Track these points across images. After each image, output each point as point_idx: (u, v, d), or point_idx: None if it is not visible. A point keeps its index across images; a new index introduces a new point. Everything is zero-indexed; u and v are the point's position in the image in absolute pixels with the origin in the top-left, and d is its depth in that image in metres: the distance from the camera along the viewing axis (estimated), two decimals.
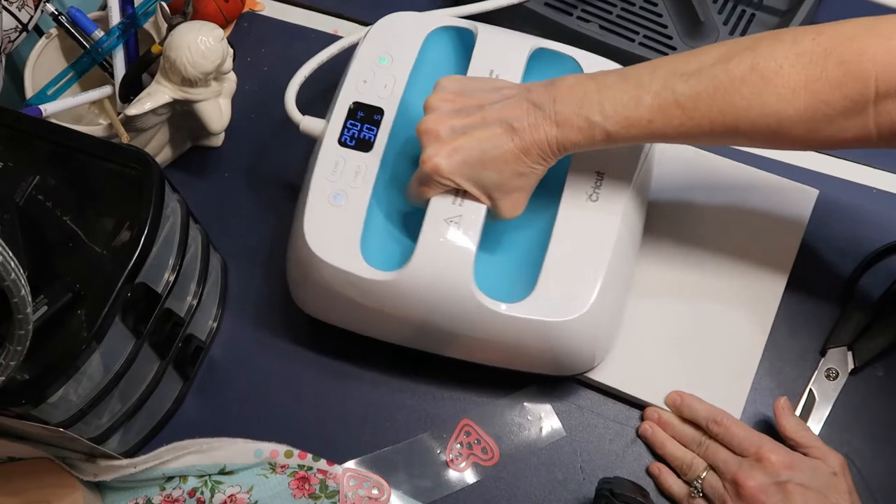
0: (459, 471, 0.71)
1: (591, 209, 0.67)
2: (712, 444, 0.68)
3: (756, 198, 0.79)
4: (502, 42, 0.72)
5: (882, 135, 0.58)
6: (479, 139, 0.62)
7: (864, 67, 0.56)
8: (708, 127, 0.60)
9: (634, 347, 0.73)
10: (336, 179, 0.68)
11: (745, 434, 0.67)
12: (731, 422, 0.68)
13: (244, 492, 0.69)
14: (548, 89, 0.62)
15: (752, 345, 0.74)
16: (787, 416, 0.68)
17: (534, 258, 0.67)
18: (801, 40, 0.58)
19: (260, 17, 0.91)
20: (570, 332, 0.65)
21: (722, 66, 0.59)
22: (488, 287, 0.65)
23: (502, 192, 0.64)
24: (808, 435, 0.67)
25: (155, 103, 0.74)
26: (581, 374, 0.72)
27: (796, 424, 0.68)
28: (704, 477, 0.67)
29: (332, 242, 0.66)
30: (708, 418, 0.69)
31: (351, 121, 0.70)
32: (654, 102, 0.60)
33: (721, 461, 0.67)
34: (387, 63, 0.72)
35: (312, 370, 0.75)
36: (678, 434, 0.70)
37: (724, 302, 0.75)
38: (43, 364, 0.57)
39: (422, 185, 0.65)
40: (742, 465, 0.65)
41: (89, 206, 0.62)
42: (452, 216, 0.64)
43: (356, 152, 0.69)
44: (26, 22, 0.79)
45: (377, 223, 0.69)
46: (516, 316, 0.64)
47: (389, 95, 0.71)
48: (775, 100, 0.58)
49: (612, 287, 0.67)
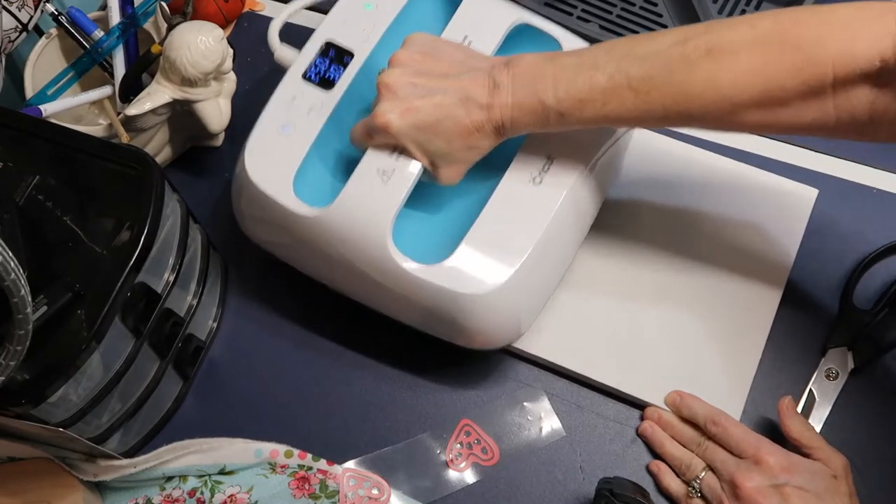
0: (459, 471, 0.71)
1: (531, 190, 0.66)
2: (711, 445, 0.68)
3: (755, 197, 0.79)
4: (485, 10, 0.71)
5: (841, 121, 0.58)
6: (436, 105, 0.61)
7: (821, 53, 0.56)
8: (661, 111, 0.59)
9: (634, 348, 0.73)
10: (289, 111, 0.69)
11: (743, 435, 0.67)
12: (729, 422, 0.68)
13: (244, 492, 0.69)
14: (508, 67, 0.62)
15: (751, 345, 0.74)
16: (792, 417, 0.67)
17: (463, 227, 0.66)
18: (758, 25, 0.58)
19: (260, 17, 0.91)
20: (473, 306, 0.64)
21: (678, 48, 0.58)
22: (409, 245, 0.65)
23: (445, 162, 0.64)
24: (813, 436, 0.67)
25: (155, 103, 0.74)
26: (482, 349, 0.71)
27: (801, 425, 0.67)
28: (703, 477, 0.67)
29: (268, 170, 0.68)
30: (706, 418, 0.69)
31: (321, 58, 0.71)
32: (608, 85, 0.59)
33: (719, 461, 0.66)
34: (371, 10, 0.72)
35: (312, 370, 0.75)
36: (678, 434, 0.70)
37: (724, 302, 0.75)
38: (43, 364, 0.57)
39: (368, 134, 0.65)
40: (740, 466, 0.65)
41: (89, 206, 0.62)
42: (386, 168, 0.64)
43: (317, 89, 0.70)
44: (26, 22, 0.79)
45: (317, 161, 0.70)
46: (423, 278, 0.64)
47: (364, 42, 0.71)
48: (730, 86, 0.57)
49: (534, 272, 0.65)
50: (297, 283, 0.78)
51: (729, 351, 0.73)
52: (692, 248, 0.77)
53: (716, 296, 0.75)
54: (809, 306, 0.76)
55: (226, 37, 0.74)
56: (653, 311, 0.75)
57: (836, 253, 0.78)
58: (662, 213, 0.78)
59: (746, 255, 0.77)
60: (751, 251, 0.77)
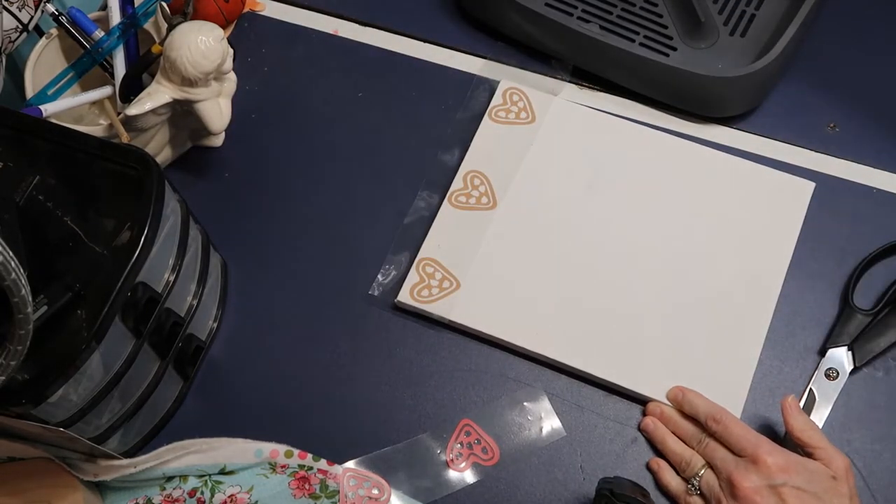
0: (459, 471, 0.71)
1: None
2: (711, 442, 0.68)
3: (753, 191, 0.79)
4: None
5: None
6: None
7: None
8: None
9: (635, 345, 0.73)
10: None
11: (742, 433, 0.67)
12: (730, 420, 0.68)
13: (244, 492, 0.69)
14: None
15: (750, 343, 0.74)
16: (795, 415, 0.67)
17: None
18: None
19: (260, 17, 0.91)
20: None
21: None
22: None
23: None
24: (816, 435, 0.66)
25: (155, 103, 0.74)
26: None
27: (804, 423, 0.66)
28: (702, 475, 0.67)
29: None
30: (708, 415, 0.69)
31: None
32: None
33: (719, 459, 0.66)
34: None
35: (312, 370, 0.75)
36: (679, 430, 0.70)
37: (723, 299, 0.75)
38: (43, 364, 0.57)
39: None
40: (738, 465, 0.65)
41: (89, 206, 0.62)
42: None
43: None
44: (27, 22, 0.79)
45: None
46: None
47: None
48: None
49: None
50: (298, 283, 0.78)
51: (728, 350, 0.73)
52: (691, 245, 0.77)
53: (715, 294, 0.75)
54: (809, 306, 0.76)
55: (226, 37, 0.74)
56: (653, 309, 0.75)
57: (836, 252, 0.78)
58: (659, 210, 0.78)
59: (744, 251, 0.77)
60: (748, 246, 0.77)
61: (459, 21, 0.90)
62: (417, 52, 0.89)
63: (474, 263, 0.77)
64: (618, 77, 0.84)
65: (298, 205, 0.82)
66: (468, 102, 0.85)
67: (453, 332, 0.76)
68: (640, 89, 0.84)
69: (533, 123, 0.83)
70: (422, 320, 0.76)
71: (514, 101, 0.84)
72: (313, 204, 0.81)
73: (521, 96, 0.84)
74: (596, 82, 0.86)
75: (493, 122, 0.83)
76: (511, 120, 0.83)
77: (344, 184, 0.82)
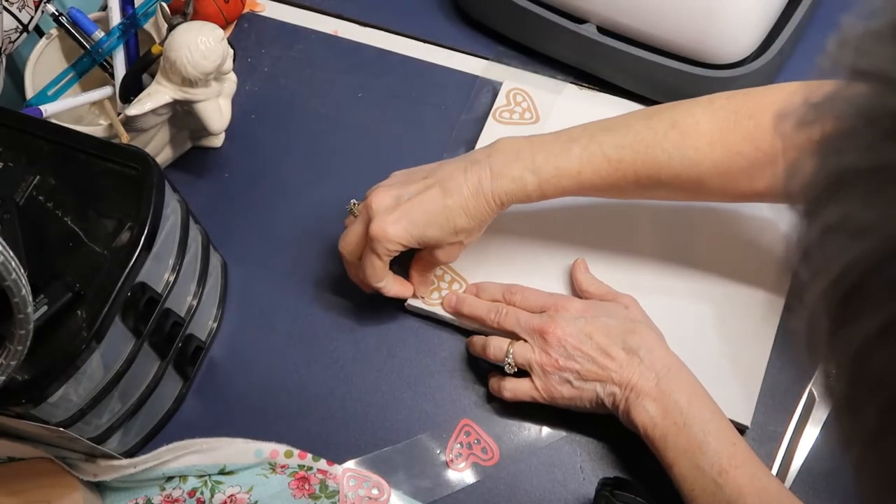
0: (459, 471, 0.71)
1: None
2: (511, 309, 0.71)
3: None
4: None
5: None
6: (421, 201, 0.66)
7: (770, 120, 0.60)
8: (633, 177, 0.65)
9: None
10: None
11: (539, 294, 0.72)
12: (525, 288, 0.72)
13: (244, 492, 0.69)
14: (486, 149, 0.68)
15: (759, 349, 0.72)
16: (584, 273, 0.74)
17: None
18: (716, 99, 0.65)
19: (260, 18, 0.91)
20: None
21: (644, 122, 0.65)
22: None
23: (441, 246, 0.68)
24: (602, 286, 0.73)
25: (155, 103, 0.74)
26: None
27: (591, 279, 0.74)
28: (513, 351, 0.69)
29: None
30: (503, 291, 0.73)
31: None
32: (583, 154, 0.65)
33: (523, 320, 0.69)
34: None
35: (312, 370, 0.75)
36: (475, 308, 0.72)
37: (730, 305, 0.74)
38: (43, 364, 0.57)
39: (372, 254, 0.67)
40: (542, 318, 0.69)
41: (89, 206, 0.62)
42: None
43: None
44: (27, 22, 0.79)
45: None
46: None
47: None
48: (693, 152, 0.64)
49: None
50: (298, 282, 0.78)
51: (737, 354, 0.72)
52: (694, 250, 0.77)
53: (721, 300, 0.74)
54: None
55: (226, 37, 0.74)
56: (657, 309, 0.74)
57: None
58: (662, 217, 0.78)
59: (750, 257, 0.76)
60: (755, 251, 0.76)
61: (459, 22, 0.90)
62: (417, 53, 0.89)
63: (482, 265, 0.76)
64: (617, 78, 0.84)
65: (298, 205, 0.82)
66: (472, 104, 0.85)
67: (453, 331, 0.76)
68: (640, 90, 0.84)
69: (537, 123, 0.83)
70: (422, 320, 0.76)
71: (518, 101, 0.84)
72: (313, 204, 0.81)
73: (524, 97, 0.84)
74: (596, 83, 0.86)
75: (498, 123, 0.83)
76: (515, 120, 0.83)
77: (344, 184, 0.82)
